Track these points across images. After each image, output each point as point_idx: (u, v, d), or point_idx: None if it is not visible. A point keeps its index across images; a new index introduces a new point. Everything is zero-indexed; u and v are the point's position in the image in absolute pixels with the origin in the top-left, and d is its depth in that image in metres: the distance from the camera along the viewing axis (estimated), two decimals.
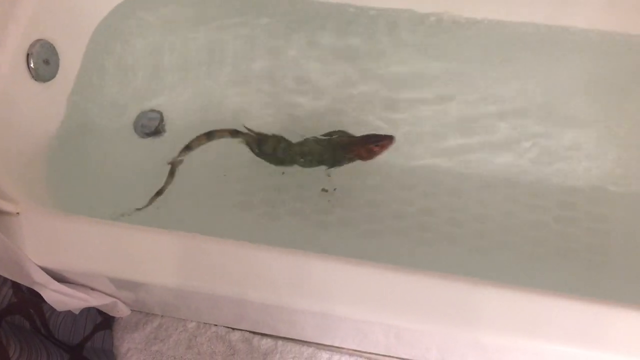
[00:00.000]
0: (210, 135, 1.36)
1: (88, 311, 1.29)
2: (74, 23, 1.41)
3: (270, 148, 1.35)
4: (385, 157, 1.38)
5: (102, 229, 1.03)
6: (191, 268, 0.99)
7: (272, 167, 1.38)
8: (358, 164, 1.33)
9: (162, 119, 1.48)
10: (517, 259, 1.28)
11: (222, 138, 1.37)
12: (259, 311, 1.15)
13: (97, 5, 1.47)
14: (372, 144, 1.29)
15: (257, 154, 1.36)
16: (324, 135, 1.36)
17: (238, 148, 1.37)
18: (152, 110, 1.48)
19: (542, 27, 1.46)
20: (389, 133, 1.28)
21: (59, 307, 1.05)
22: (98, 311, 1.31)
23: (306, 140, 1.34)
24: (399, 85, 1.49)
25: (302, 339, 1.35)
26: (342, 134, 1.35)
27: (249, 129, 1.36)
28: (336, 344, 1.34)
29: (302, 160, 1.34)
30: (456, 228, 1.33)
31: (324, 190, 1.38)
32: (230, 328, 1.36)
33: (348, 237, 1.32)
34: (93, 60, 1.43)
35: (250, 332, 1.36)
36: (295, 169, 1.36)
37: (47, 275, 1.00)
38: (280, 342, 1.35)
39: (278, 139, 1.35)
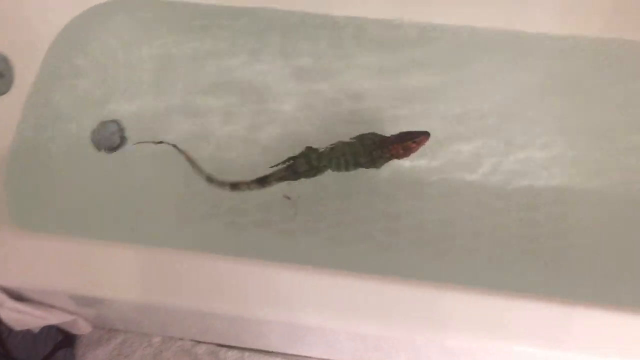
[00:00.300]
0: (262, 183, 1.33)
1: (48, 329, 1.26)
2: (29, 36, 1.39)
3: (303, 165, 1.32)
4: None
5: (59, 245, 1.01)
6: (153, 281, 0.98)
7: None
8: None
9: (121, 129, 1.46)
10: (482, 261, 1.29)
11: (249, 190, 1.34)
12: (224, 323, 1.14)
13: (53, 19, 1.45)
14: (409, 141, 1.28)
15: (296, 179, 1.34)
16: (353, 138, 1.34)
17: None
18: (111, 121, 1.46)
19: (500, 33, 1.48)
20: (421, 130, 1.29)
21: (17, 326, 1.02)
22: (58, 329, 1.27)
23: (336, 145, 1.32)
24: (361, 96, 1.50)
25: (269, 350, 1.35)
26: (373, 135, 1.33)
27: (275, 166, 1.33)
28: (303, 354, 1.34)
29: (337, 163, 1.32)
30: (422, 233, 1.33)
31: (286, 197, 1.37)
32: (196, 341, 1.34)
33: (314, 245, 1.32)
34: (49, 73, 1.40)
35: (216, 344, 1.34)
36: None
37: (2, 293, 0.97)
38: (247, 354, 1.34)
39: (307, 153, 1.33)
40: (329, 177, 1.37)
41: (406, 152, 1.29)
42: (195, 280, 0.99)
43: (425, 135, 1.28)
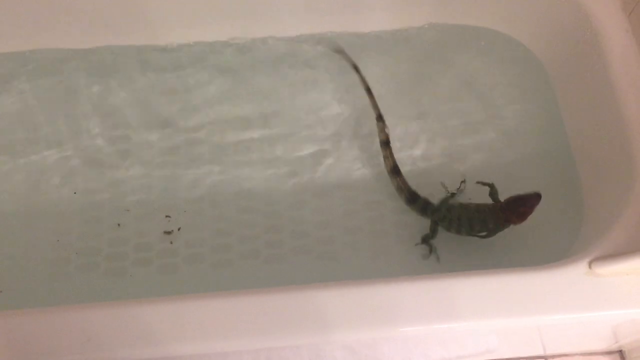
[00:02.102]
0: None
1: None
2: None
3: (419, 208, 1.32)
4: (218, 186, 1.41)
5: None
6: (21, 347, 0.93)
7: (106, 222, 1.37)
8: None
9: None
10: (361, 254, 1.33)
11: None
12: None
13: None
14: (522, 207, 1.22)
15: (407, 204, 1.34)
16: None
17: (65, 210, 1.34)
18: None
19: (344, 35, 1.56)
20: (530, 192, 1.23)
21: None
22: None
23: (453, 206, 1.30)
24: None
25: None
26: (492, 188, 1.30)
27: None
28: None
29: (449, 225, 1.28)
30: (302, 239, 1.36)
31: (166, 232, 1.35)
32: None
33: (198, 273, 1.31)
34: None
35: None
36: (127, 218, 1.36)
37: None
38: None
39: (426, 202, 1.32)
40: (205, 204, 1.38)
41: (521, 218, 1.23)
42: (67, 335, 0.96)
43: (536, 197, 1.22)
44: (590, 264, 1.03)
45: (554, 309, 1.00)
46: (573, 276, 1.02)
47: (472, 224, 1.26)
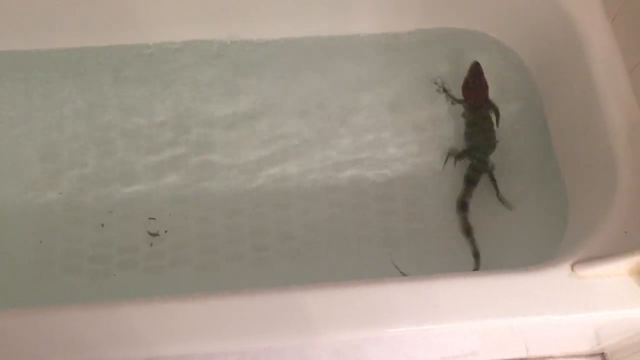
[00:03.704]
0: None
1: None
2: None
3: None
4: (204, 189, 1.40)
5: None
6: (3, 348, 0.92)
7: (90, 222, 1.36)
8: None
9: None
10: (345, 256, 1.34)
11: None
12: None
13: None
14: (469, 80, 1.42)
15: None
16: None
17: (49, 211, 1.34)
18: None
19: (322, 39, 1.56)
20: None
21: None
22: None
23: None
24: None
25: None
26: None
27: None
28: None
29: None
30: (290, 242, 1.36)
31: (151, 234, 1.35)
32: None
33: (183, 275, 1.31)
34: None
35: None
36: (114, 218, 1.36)
37: None
38: None
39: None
40: (189, 205, 1.38)
41: (476, 90, 1.42)
42: (65, 334, 0.95)
43: (474, 65, 1.41)
44: (573, 267, 1.04)
45: (537, 311, 1.00)
46: (556, 278, 1.03)
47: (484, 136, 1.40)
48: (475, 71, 1.41)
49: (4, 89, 1.51)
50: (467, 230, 1.33)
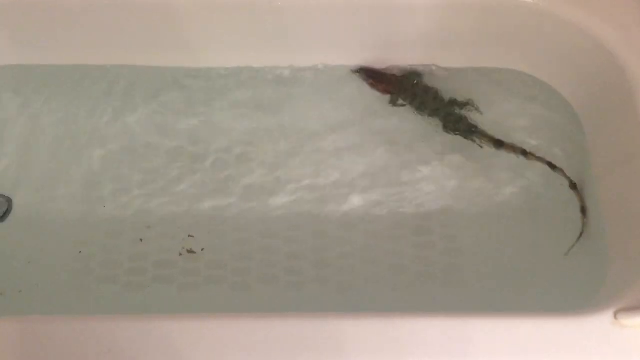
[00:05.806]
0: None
1: None
2: None
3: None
4: (244, 210, 1.41)
5: None
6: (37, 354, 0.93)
7: (128, 234, 1.39)
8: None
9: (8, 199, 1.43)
10: (380, 289, 1.33)
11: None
12: None
13: None
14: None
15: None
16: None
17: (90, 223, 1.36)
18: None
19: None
20: None
21: None
22: None
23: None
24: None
25: None
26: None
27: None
28: None
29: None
30: (322, 268, 1.36)
31: (190, 251, 1.36)
32: None
33: (218, 294, 1.31)
34: None
35: None
36: (152, 233, 1.37)
37: None
38: None
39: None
40: (228, 226, 1.39)
41: (377, 81, 1.54)
42: (83, 346, 0.96)
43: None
44: (616, 314, 1.01)
45: (578, 358, 0.98)
46: (598, 325, 1.00)
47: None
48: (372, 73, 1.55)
49: (57, 104, 1.55)
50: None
